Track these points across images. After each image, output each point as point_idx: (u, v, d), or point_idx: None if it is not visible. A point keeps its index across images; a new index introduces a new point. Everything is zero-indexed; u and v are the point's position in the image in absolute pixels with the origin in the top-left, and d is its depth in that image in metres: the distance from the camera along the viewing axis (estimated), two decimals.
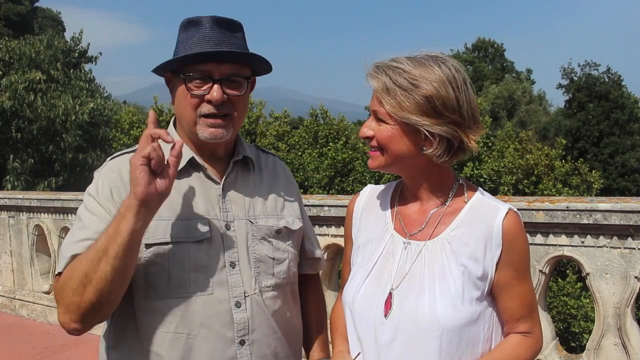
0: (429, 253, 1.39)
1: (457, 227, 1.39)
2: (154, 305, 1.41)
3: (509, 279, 1.37)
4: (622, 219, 2.87)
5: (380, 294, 1.39)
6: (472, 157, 14.36)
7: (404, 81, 1.31)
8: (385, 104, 1.33)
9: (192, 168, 1.51)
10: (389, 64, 1.35)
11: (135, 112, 18.83)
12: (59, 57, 16.98)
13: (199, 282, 1.42)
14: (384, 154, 1.38)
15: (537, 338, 1.43)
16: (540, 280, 3.21)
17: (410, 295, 1.36)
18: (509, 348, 1.39)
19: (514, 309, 1.39)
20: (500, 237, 1.35)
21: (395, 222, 1.48)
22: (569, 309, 12.15)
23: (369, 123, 1.40)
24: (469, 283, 1.34)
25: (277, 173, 1.68)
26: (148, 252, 1.40)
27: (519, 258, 1.39)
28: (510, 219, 1.37)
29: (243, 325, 1.45)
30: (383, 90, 1.33)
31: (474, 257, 1.35)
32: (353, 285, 1.46)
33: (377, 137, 1.37)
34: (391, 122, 1.34)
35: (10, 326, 5.58)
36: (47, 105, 14.50)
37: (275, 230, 1.56)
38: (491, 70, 42.52)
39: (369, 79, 1.36)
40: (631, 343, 2.95)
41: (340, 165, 15.48)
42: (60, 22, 43.08)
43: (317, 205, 3.73)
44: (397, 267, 1.40)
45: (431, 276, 1.36)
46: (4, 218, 6.19)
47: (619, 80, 32.00)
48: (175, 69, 1.47)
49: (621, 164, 29.56)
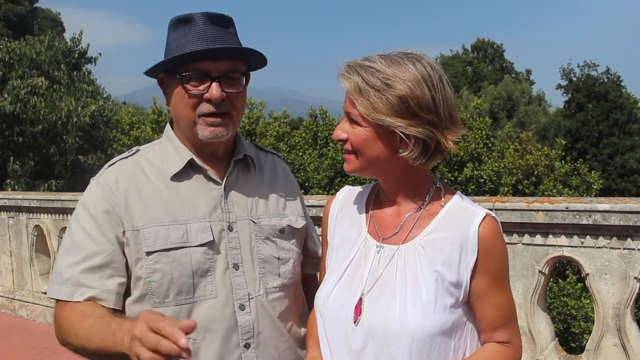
0: (402, 257, 1.33)
1: (432, 232, 1.33)
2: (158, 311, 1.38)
3: (485, 287, 1.31)
4: (621, 220, 2.87)
5: (350, 299, 1.34)
6: (472, 158, 14.36)
7: (377, 81, 1.25)
8: (358, 106, 1.27)
9: (192, 170, 1.48)
10: (362, 63, 1.29)
11: (135, 113, 18.82)
12: (59, 58, 16.97)
13: (203, 287, 1.40)
14: (359, 157, 1.33)
15: (517, 348, 1.36)
16: (540, 281, 3.21)
17: (380, 301, 1.30)
18: (486, 356, 1.33)
19: (491, 317, 1.33)
20: (475, 243, 1.29)
21: (369, 225, 1.43)
22: (569, 310, 12.15)
23: (342, 125, 1.34)
24: (442, 290, 1.28)
25: (277, 172, 1.66)
26: (149, 260, 1.38)
27: (496, 265, 1.32)
28: (487, 224, 1.31)
29: (248, 328, 1.43)
30: (355, 91, 1.27)
31: (448, 263, 1.29)
32: (324, 289, 1.41)
33: (350, 140, 1.32)
34: (365, 124, 1.29)
35: (10, 326, 5.58)
36: (49, 107, 14.48)
37: (279, 230, 1.54)
38: (491, 70, 42.55)
39: (341, 79, 1.31)
40: (630, 344, 2.95)
41: (341, 166, 15.48)
42: (60, 22, 43.06)
43: (317, 206, 3.75)
44: (369, 272, 1.35)
45: (403, 282, 1.30)
46: (3, 218, 6.19)
47: (618, 81, 32.01)
48: (169, 69, 1.42)
49: (620, 165, 29.57)
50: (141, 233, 1.39)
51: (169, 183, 1.45)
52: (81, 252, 1.37)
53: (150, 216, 1.40)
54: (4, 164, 14.77)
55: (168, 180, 1.46)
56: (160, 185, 1.45)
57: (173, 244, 1.39)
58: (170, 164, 1.47)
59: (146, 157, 1.50)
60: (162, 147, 1.52)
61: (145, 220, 1.40)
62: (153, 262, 1.38)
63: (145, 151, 1.53)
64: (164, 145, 1.52)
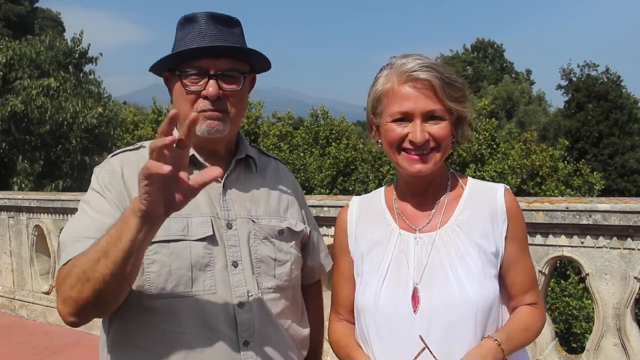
0: (443, 241, 1.41)
1: (463, 211, 1.43)
2: (155, 305, 1.39)
3: (516, 253, 1.43)
4: (621, 220, 2.87)
5: (403, 293, 1.39)
6: (475, 159, 14.36)
7: (450, 75, 1.38)
8: (446, 100, 1.36)
9: (193, 166, 1.47)
10: (425, 61, 1.38)
11: (136, 113, 18.85)
12: (60, 59, 16.96)
13: (202, 281, 1.40)
14: (439, 153, 1.40)
15: (543, 309, 1.50)
16: (540, 281, 3.21)
17: (435, 284, 1.37)
18: (525, 317, 1.43)
19: (522, 282, 1.44)
20: (504, 213, 1.42)
21: (399, 222, 1.48)
22: (571, 310, 12.17)
23: (417, 127, 1.36)
24: (487, 261, 1.38)
25: (279, 176, 1.66)
26: (149, 251, 1.37)
27: (522, 231, 1.46)
28: (509, 195, 1.45)
29: (247, 326, 1.43)
30: (441, 86, 1.36)
31: (485, 235, 1.40)
32: (370, 291, 1.44)
33: (437, 137, 1.38)
34: (448, 117, 1.38)
35: (10, 326, 5.58)
36: (55, 108, 14.49)
37: (278, 231, 1.53)
38: (491, 70, 42.54)
39: (418, 77, 1.36)
40: (631, 344, 2.95)
41: (343, 165, 15.49)
42: (60, 22, 43.06)
43: (316, 206, 3.76)
44: (414, 262, 1.41)
45: (451, 261, 1.38)
46: (3, 218, 6.19)
47: (618, 81, 32.01)
48: (172, 67, 1.46)
49: (621, 165, 29.56)
50: None
51: None
52: (91, 227, 1.35)
53: None
54: (12, 163, 14.77)
55: None
56: None
57: (173, 236, 1.40)
58: None
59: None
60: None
61: None
62: (152, 252, 1.38)
63: (148, 146, 1.53)
64: None
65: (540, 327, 1.46)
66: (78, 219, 1.41)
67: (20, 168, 14.36)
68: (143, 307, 1.40)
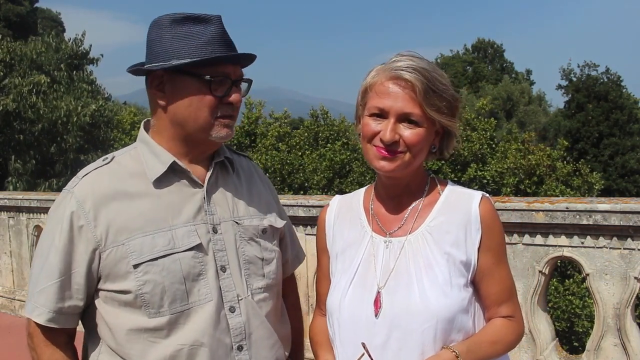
0: (412, 246, 1.39)
1: (436, 217, 1.40)
2: (152, 323, 1.36)
3: (489, 264, 1.39)
4: (621, 220, 2.87)
5: (367, 295, 1.38)
6: (476, 159, 14.37)
7: (439, 84, 1.34)
8: (427, 108, 1.33)
9: (174, 174, 1.44)
10: (418, 65, 1.34)
11: (136, 113, 18.84)
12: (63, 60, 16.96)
13: (197, 291, 1.39)
14: (407, 156, 1.36)
15: (520, 322, 1.45)
16: (540, 281, 3.21)
17: (398, 290, 1.35)
18: (495, 329, 1.40)
19: (496, 293, 1.40)
20: (478, 222, 1.38)
21: (372, 224, 1.47)
22: (574, 308, 12.16)
23: (390, 126, 1.35)
24: (455, 270, 1.35)
25: (252, 174, 1.65)
26: (138, 272, 1.34)
27: (497, 241, 1.41)
28: (485, 204, 1.40)
29: (239, 330, 1.42)
30: (423, 93, 1.32)
31: (455, 243, 1.37)
32: (338, 291, 1.44)
33: (408, 140, 1.35)
34: (426, 124, 1.35)
35: (10, 326, 5.58)
36: (49, 107, 14.49)
37: (262, 230, 1.53)
38: (491, 70, 42.54)
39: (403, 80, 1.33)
40: (631, 344, 2.95)
41: (339, 167, 15.47)
42: (60, 22, 43.07)
43: (317, 206, 3.77)
44: (382, 266, 1.40)
45: (417, 268, 1.36)
46: (3, 219, 6.19)
47: (618, 81, 31.98)
48: (182, 69, 1.37)
49: (621, 165, 29.55)
50: (126, 246, 1.35)
51: (150, 189, 1.41)
52: (50, 275, 1.36)
53: (132, 227, 1.37)
54: (5, 162, 14.78)
55: (149, 185, 1.41)
56: (141, 192, 1.41)
57: (160, 252, 1.36)
58: (150, 169, 1.43)
59: (123, 164, 1.45)
60: (138, 153, 1.47)
61: (128, 232, 1.36)
62: (142, 273, 1.35)
63: (121, 157, 1.47)
64: (140, 150, 1.47)
65: (513, 341, 1.41)
66: (40, 263, 1.41)
67: (12, 168, 14.35)
68: (142, 328, 1.37)
